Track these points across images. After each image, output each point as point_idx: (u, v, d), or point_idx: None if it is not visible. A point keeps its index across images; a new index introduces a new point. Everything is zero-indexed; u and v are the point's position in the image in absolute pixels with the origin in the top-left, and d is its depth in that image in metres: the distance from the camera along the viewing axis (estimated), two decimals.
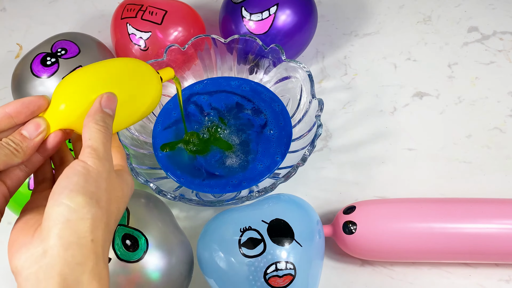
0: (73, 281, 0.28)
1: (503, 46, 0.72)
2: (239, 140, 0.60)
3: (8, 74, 0.67)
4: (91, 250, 0.29)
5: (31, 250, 0.29)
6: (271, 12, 0.63)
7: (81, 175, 0.30)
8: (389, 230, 0.51)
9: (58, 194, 0.30)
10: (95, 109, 0.34)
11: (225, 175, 0.58)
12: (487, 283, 0.54)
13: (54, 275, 0.28)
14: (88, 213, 0.30)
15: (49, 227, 0.29)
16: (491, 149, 0.63)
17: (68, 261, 0.28)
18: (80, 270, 0.29)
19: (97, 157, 0.32)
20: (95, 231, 0.30)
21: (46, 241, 0.29)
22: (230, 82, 0.65)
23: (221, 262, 0.47)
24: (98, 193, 0.31)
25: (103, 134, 0.33)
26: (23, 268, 0.29)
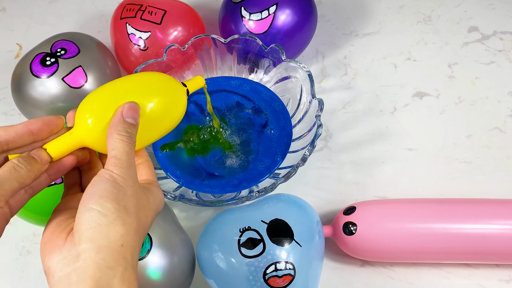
0: (104, 284, 0.29)
1: (503, 46, 0.72)
2: (240, 139, 0.60)
3: (8, 74, 0.67)
4: (120, 254, 0.30)
5: (64, 253, 0.30)
6: (270, 11, 0.63)
7: (108, 182, 0.32)
8: (389, 231, 0.51)
9: (88, 200, 0.31)
10: (117, 120, 0.34)
11: (225, 175, 0.58)
12: (487, 284, 0.54)
13: (86, 278, 0.29)
14: (117, 218, 0.31)
15: (81, 231, 0.30)
16: (491, 149, 0.63)
17: (99, 265, 0.29)
18: (111, 274, 0.30)
19: (121, 166, 0.33)
20: (124, 236, 0.31)
21: (78, 245, 0.30)
22: (230, 82, 0.65)
23: (221, 262, 0.47)
24: (125, 199, 0.32)
25: (126, 143, 0.34)
26: (55, 270, 0.30)
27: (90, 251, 0.30)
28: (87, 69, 0.61)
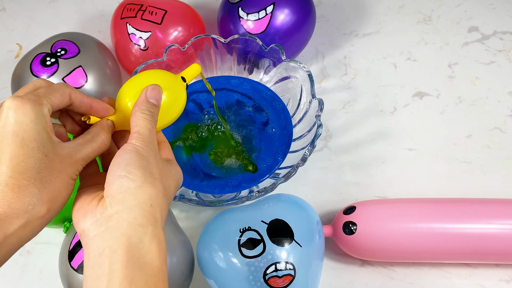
0: (136, 240, 0.31)
1: (503, 46, 0.72)
2: (241, 135, 0.60)
3: (8, 74, 0.67)
4: (150, 213, 0.32)
5: (96, 215, 0.32)
6: (267, 11, 0.63)
7: (132, 153, 0.34)
8: (389, 230, 0.51)
9: (115, 169, 0.33)
10: (142, 100, 0.37)
11: (223, 176, 0.58)
12: (487, 283, 0.54)
13: (118, 235, 0.31)
14: (145, 181, 0.33)
15: (112, 196, 0.32)
16: (491, 149, 0.63)
17: (131, 223, 0.31)
18: (142, 231, 0.32)
19: (143, 140, 0.35)
20: (153, 197, 0.33)
21: (110, 207, 0.32)
22: (230, 81, 0.65)
23: (221, 262, 0.47)
24: (150, 166, 0.34)
25: (148, 121, 0.36)
26: (89, 230, 0.32)
27: (121, 212, 0.32)
28: (87, 69, 0.61)
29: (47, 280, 0.57)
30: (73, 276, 0.46)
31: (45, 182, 0.33)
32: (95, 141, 0.37)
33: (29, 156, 0.32)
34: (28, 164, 0.32)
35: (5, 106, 0.32)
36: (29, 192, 0.32)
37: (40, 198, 0.32)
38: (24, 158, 0.32)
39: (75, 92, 0.37)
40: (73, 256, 0.46)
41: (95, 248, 0.31)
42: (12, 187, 0.31)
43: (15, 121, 0.32)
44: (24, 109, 0.32)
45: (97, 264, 0.31)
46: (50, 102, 0.34)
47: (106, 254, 0.31)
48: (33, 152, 0.32)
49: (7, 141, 0.32)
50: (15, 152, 0.32)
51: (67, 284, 0.47)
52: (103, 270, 0.30)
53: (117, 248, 0.31)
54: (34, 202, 0.32)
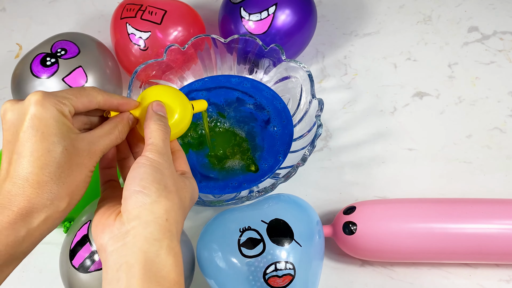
0: (152, 255, 0.32)
1: (503, 46, 0.72)
2: (244, 131, 0.60)
3: (8, 74, 0.67)
4: (166, 228, 0.33)
5: (114, 231, 0.33)
6: (270, 12, 0.63)
7: (146, 166, 0.34)
8: (389, 230, 0.51)
9: (130, 184, 0.34)
10: (151, 113, 0.39)
11: (223, 178, 0.58)
12: (487, 283, 0.54)
13: (135, 250, 0.31)
14: (160, 196, 0.33)
15: (129, 211, 0.33)
16: (491, 149, 0.63)
17: (147, 238, 0.32)
18: (158, 245, 0.32)
19: (157, 151, 0.36)
20: (168, 212, 0.33)
21: (127, 223, 0.33)
22: (230, 79, 0.65)
23: (221, 262, 0.47)
24: (164, 179, 0.34)
25: (162, 132, 0.37)
26: (107, 245, 0.33)
27: (138, 227, 0.32)
28: (87, 69, 0.61)
29: (47, 280, 0.57)
30: (74, 275, 0.46)
31: (64, 177, 0.33)
32: (113, 133, 0.38)
33: (49, 150, 0.32)
34: (47, 159, 0.32)
35: (30, 100, 0.33)
36: (49, 188, 0.32)
37: (59, 193, 0.33)
38: (43, 152, 0.32)
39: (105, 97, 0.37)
40: (74, 255, 0.46)
41: (112, 263, 0.32)
42: (32, 183, 0.32)
43: (36, 116, 0.32)
44: (45, 105, 0.33)
45: (115, 279, 0.31)
46: (73, 104, 0.35)
47: (123, 269, 0.31)
48: (53, 146, 0.32)
49: (28, 136, 0.32)
50: (35, 146, 0.32)
51: (67, 284, 0.47)
52: (121, 285, 0.31)
53: (134, 263, 0.31)
54: (53, 197, 0.32)
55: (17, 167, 0.32)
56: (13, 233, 0.31)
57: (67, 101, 0.34)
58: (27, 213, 0.31)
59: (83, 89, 0.36)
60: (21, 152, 0.32)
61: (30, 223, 0.32)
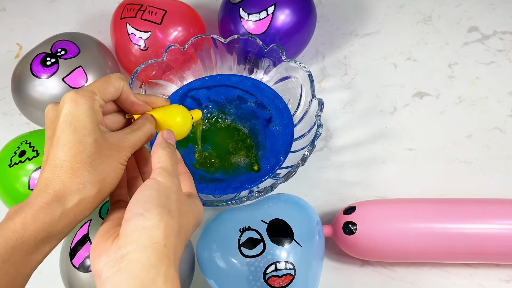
0: (149, 282, 0.30)
1: (503, 46, 0.72)
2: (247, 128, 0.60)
3: (8, 74, 0.67)
4: (164, 254, 0.32)
5: (110, 256, 0.32)
6: (269, 12, 0.63)
7: (153, 189, 0.35)
8: (389, 231, 0.51)
9: (134, 205, 0.34)
10: (160, 140, 0.40)
11: (225, 179, 0.58)
12: (487, 283, 0.54)
13: (131, 276, 0.31)
14: (161, 220, 0.33)
15: (127, 234, 0.32)
16: (491, 149, 0.63)
17: (144, 264, 0.31)
18: (155, 272, 0.31)
19: (167, 174, 0.36)
20: (168, 237, 0.33)
21: (124, 247, 0.32)
22: (230, 78, 0.65)
23: (221, 262, 0.47)
24: (168, 203, 0.34)
25: (170, 157, 0.38)
26: (103, 271, 0.32)
27: (135, 252, 0.31)
28: (87, 69, 0.61)
29: (47, 280, 0.57)
30: (74, 275, 0.46)
31: (94, 165, 0.36)
32: (141, 130, 0.40)
33: (80, 141, 0.35)
34: (79, 149, 0.35)
35: (65, 99, 0.36)
36: (81, 174, 0.35)
37: (90, 179, 0.35)
38: (76, 143, 0.35)
39: (127, 86, 0.40)
40: (74, 255, 0.46)
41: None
42: (66, 169, 0.35)
43: (70, 112, 0.36)
44: (78, 103, 0.36)
45: None
46: (103, 97, 0.38)
47: None
48: (84, 138, 0.35)
49: (62, 129, 0.35)
50: (69, 138, 0.35)
51: (68, 283, 0.47)
52: None
53: None
54: (85, 182, 0.35)
55: (53, 157, 0.35)
56: (49, 212, 0.33)
57: (97, 95, 0.37)
58: (62, 195, 0.34)
59: (109, 78, 0.39)
60: (57, 144, 0.35)
61: (64, 204, 0.34)
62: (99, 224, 0.47)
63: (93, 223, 0.47)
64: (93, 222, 0.48)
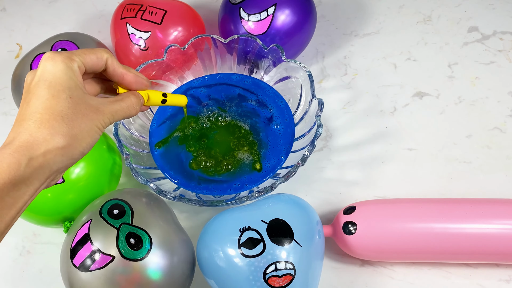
0: None
1: (503, 46, 0.72)
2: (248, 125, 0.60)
3: (8, 74, 0.67)
4: None
5: None
6: (269, 12, 0.63)
7: None
8: (389, 231, 0.51)
9: None
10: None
11: (226, 180, 0.58)
12: (487, 283, 0.54)
13: None
14: None
15: None
16: (491, 149, 0.63)
17: None
18: None
19: None
20: None
21: None
22: (231, 77, 0.65)
23: (221, 262, 0.47)
24: None
25: None
26: None
27: None
28: None
29: (47, 280, 0.57)
30: (74, 274, 0.46)
31: (66, 119, 0.36)
32: (124, 101, 0.40)
33: (53, 96, 0.36)
34: (52, 103, 0.35)
35: (42, 58, 0.37)
36: (50, 125, 0.35)
37: (60, 130, 0.35)
38: (48, 97, 0.35)
39: (112, 59, 0.40)
40: (74, 254, 0.47)
41: None
42: (35, 120, 0.35)
43: (46, 69, 0.36)
44: (55, 61, 0.37)
45: None
46: (82, 60, 0.38)
47: None
48: (58, 93, 0.36)
49: (38, 86, 0.36)
50: (42, 93, 0.36)
51: (68, 283, 0.47)
52: None
53: None
54: (53, 133, 0.35)
55: (24, 111, 0.36)
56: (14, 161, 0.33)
57: (76, 57, 0.38)
58: (28, 145, 0.34)
59: (92, 48, 0.40)
60: (30, 99, 0.36)
61: (30, 153, 0.34)
62: (100, 224, 0.47)
63: (93, 223, 0.48)
64: (94, 222, 0.48)
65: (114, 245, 0.45)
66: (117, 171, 0.58)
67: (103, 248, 0.46)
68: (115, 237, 0.46)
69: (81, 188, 0.54)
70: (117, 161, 0.58)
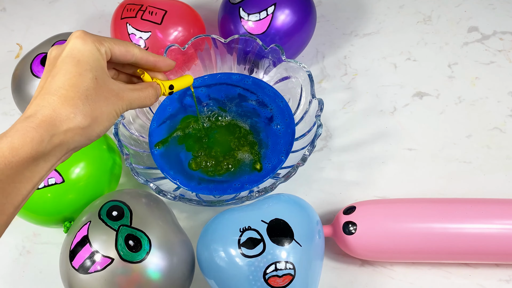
0: None
1: (503, 46, 0.72)
2: (248, 125, 0.60)
3: (8, 74, 0.67)
4: None
5: None
6: (268, 12, 0.63)
7: None
8: (389, 231, 0.51)
9: None
10: None
11: (226, 180, 0.58)
12: (487, 283, 0.54)
13: None
14: None
15: None
16: (491, 149, 0.63)
17: None
18: None
19: None
20: None
21: None
22: (231, 76, 0.65)
23: (221, 262, 0.47)
24: None
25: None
26: None
27: None
28: None
29: (47, 280, 0.57)
30: (74, 276, 0.46)
31: (90, 99, 0.36)
32: (143, 92, 0.41)
33: (80, 74, 0.36)
34: (78, 81, 0.35)
35: (72, 35, 0.37)
36: (74, 103, 0.35)
37: (83, 110, 0.35)
38: (75, 75, 0.35)
39: (142, 53, 0.41)
40: (74, 256, 0.46)
41: None
42: (59, 96, 0.35)
43: (75, 47, 0.37)
44: (85, 40, 0.37)
45: None
46: (111, 47, 0.39)
47: None
48: (85, 72, 0.36)
49: (65, 61, 0.36)
50: (69, 69, 0.36)
51: (67, 285, 0.47)
52: None
53: None
54: (77, 112, 0.35)
55: (48, 85, 0.35)
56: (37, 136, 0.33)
57: (106, 42, 0.38)
58: (52, 121, 0.34)
59: (123, 40, 0.41)
60: (56, 74, 0.36)
61: (53, 130, 0.34)
62: (98, 225, 0.47)
63: (92, 225, 0.47)
64: (93, 224, 0.48)
65: (113, 247, 0.45)
66: (117, 171, 0.58)
67: (102, 250, 0.45)
68: (114, 239, 0.46)
69: (81, 188, 0.54)
70: (117, 161, 0.58)
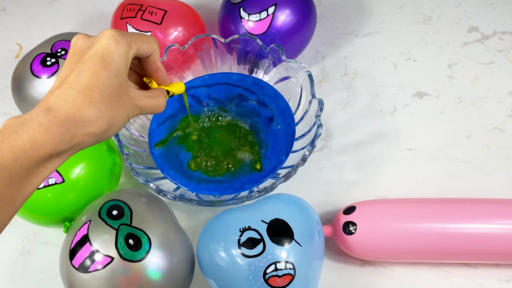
0: None
1: (503, 46, 0.72)
2: (248, 125, 0.60)
3: (8, 74, 0.67)
4: None
5: None
6: (269, 12, 0.63)
7: None
8: (389, 230, 0.51)
9: None
10: None
11: (226, 180, 0.57)
12: (487, 283, 0.54)
13: None
14: None
15: None
16: (491, 149, 0.63)
17: None
18: None
19: None
20: None
21: None
22: (231, 76, 0.65)
23: (221, 262, 0.47)
24: None
25: None
26: None
27: None
28: None
29: (47, 280, 0.57)
30: (74, 275, 0.46)
31: (112, 105, 0.36)
32: (156, 100, 0.42)
33: (108, 78, 0.36)
34: (104, 84, 0.35)
35: (105, 33, 0.37)
36: (98, 106, 0.35)
37: (105, 115, 0.35)
38: (103, 77, 0.35)
39: (157, 51, 0.41)
40: (74, 255, 0.46)
41: None
42: (85, 96, 0.34)
43: (107, 48, 0.36)
44: (119, 43, 0.37)
45: None
46: (137, 48, 0.39)
47: None
48: (112, 77, 0.36)
49: (94, 60, 0.36)
50: (98, 70, 0.35)
51: (67, 284, 0.47)
52: None
53: None
54: (99, 116, 0.35)
55: (74, 80, 0.35)
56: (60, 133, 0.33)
57: (134, 44, 0.38)
58: (75, 121, 0.34)
59: (145, 35, 0.40)
60: (83, 70, 0.35)
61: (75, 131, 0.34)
62: (98, 224, 0.47)
63: (92, 224, 0.47)
64: (93, 223, 0.48)
65: (113, 246, 0.45)
66: (117, 171, 0.58)
67: (102, 249, 0.46)
68: (114, 238, 0.46)
69: (81, 188, 0.54)
70: (117, 161, 0.58)
